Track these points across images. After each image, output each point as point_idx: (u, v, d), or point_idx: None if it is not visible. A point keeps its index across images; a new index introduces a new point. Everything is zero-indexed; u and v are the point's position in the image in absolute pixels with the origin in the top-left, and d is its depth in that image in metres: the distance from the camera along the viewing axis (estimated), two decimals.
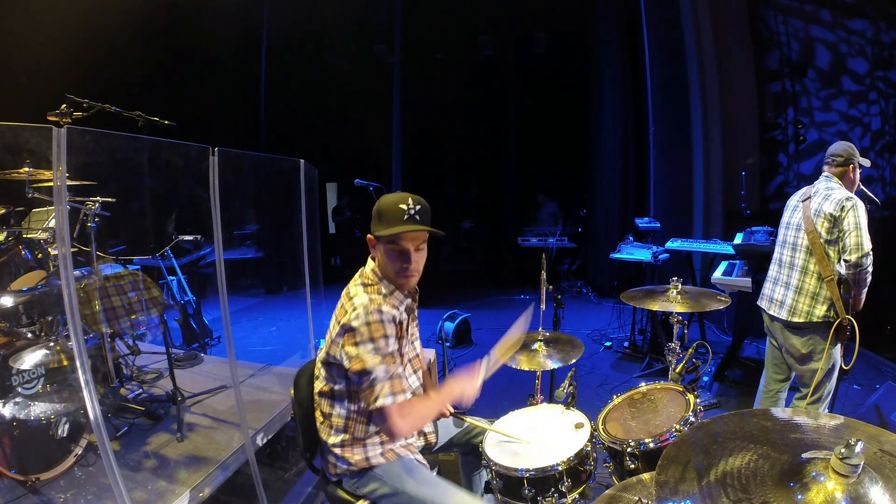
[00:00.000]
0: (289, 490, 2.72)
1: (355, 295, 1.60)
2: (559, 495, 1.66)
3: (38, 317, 2.62)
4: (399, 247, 1.58)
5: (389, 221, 1.57)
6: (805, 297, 2.51)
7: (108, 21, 4.91)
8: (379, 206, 1.62)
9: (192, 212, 4.01)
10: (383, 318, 1.54)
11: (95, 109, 2.26)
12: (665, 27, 6.21)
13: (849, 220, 2.35)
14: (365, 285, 1.65)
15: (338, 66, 8.13)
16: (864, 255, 2.31)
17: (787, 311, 2.57)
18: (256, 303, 7.07)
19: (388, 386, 1.51)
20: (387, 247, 1.60)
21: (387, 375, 1.51)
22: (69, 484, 2.15)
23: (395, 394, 1.51)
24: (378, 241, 1.62)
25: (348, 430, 1.67)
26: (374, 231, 1.61)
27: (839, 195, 2.42)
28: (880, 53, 4.93)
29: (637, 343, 4.82)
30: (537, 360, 2.26)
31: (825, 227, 2.43)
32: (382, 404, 1.49)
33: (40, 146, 1.96)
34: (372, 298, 1.57)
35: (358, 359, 1.51)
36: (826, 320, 2.46)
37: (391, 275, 1.64)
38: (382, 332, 1.53)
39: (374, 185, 3.28)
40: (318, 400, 1.73)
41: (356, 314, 1.53)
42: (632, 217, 6.56)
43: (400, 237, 1.57)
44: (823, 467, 0.83)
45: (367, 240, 1.67)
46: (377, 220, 1.61)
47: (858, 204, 2.38)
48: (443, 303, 6.42)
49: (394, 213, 1.57)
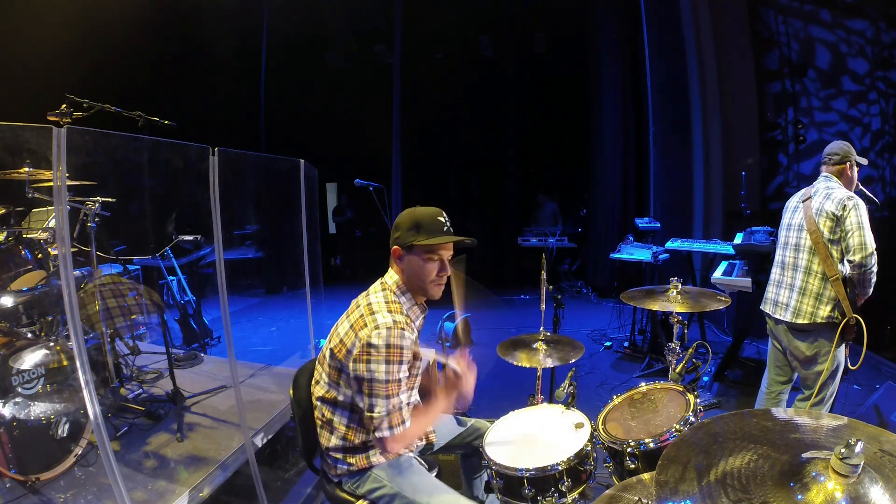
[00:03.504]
0: (289, 490, 2.72)
1: (378, 311, 1.61)
2: (559, 495, 1.66)
3: (38, 317, 2.62)
4: (439, 256, 1.67)
5: (431, 232, 1.64)
6: (809, 297, 2.49)
7: (108, 21, 4.91)
8: (416, 217, 1.66)
9: (192, 212, 4.01)
10: (403, 345, 1.57)
11: (95, 109, 2.26)
12: (665, 27, 6.21)
13: (851, 219, 2.34)
14: (388, 302, 1.66)
15: (338, 66, 8.13)
16: (869, 254, 2.30)
17: (792, 313, 2.54)
18: (256, 303, 7.07)
19: (386, 421, 1.56)
20: (424, 256, 1.65)
21: (387, 410, 1.56)
22: (69, 484, 2.15)
23: (392, 427, 1.57)
24: (412, 250, 1.65)
25: (348, 438, 1.69)
26: (412, 241, 1.63)
27: (840, 194, 2.41)
28: (880, 53, 4.93)
29: (637, 343, 4.81)
30: (537, 360, 2.26)
31: (828, 226, 2.42)
32: (380, 436, 1.57)
33: (40, 146, 1.96)
34: (396, 321, 1.59)
35: (367, 383, 1.55)
36: (830, 321, 2.44)
37: (423, 284, 1.68)
38: (399, 357, 1.56)
39: (374, 185, 3.28)
40: (320, 405, 1.73)
41: (378, 333, 1.55)
42: (632, 217, 6.56)
43: (442, 246, 1.66)
44: (823, 467, 0.83)
45: (394, 251, 1.69)
46: (414, 230, 1.64)
47: (860, 203, 2.37)
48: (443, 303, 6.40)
49: (434, 225, 1.65)
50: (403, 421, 1.60)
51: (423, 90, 7.32)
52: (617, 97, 7.08)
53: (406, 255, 1.67)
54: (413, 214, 1.67)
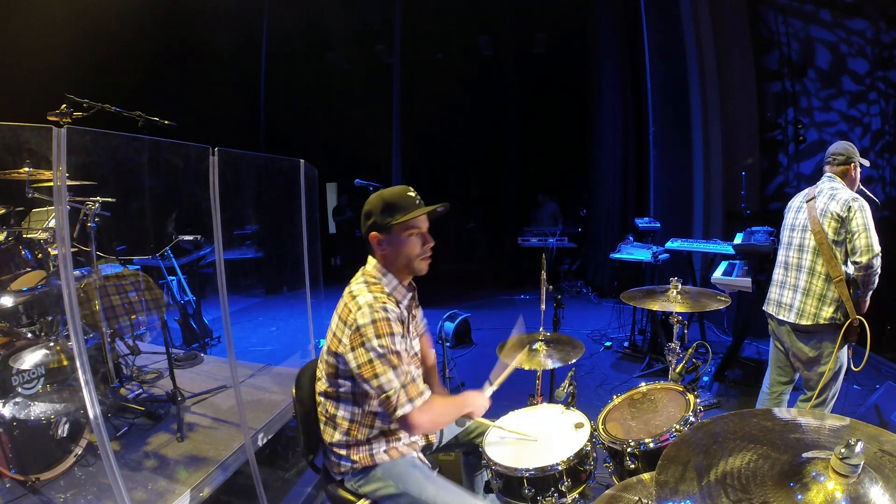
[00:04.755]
0: (289, 490, 2.72)
1: (359, 294, 1.61)
2: (559, 495, 1.66)
3: (38, 317, 2.62)
4: (419, 230, 1.67)
5: (405, 209, 1.62)
6: (812, 298, 2.48)
7: (108, 21, 4.91)
8: (385, 198, 1.65)
9: (192, 212, 4.01)
10: (389, 317, 1.55)
11: (95, 109, 2.26)
12: (665, 27, 6.21)
13: (857, 221, 2.33)
14: (368, 283, 1.66)
15: (338, 66, 8.13)
16: (875, 255, 2.29)
17: (796, 314, 2.53)
18: (256, 303, 7.07)
19: (403, 394, 1.53)
20: (404, 234, 1.64)
21: (400, 383, 1.53)
22: (69, 484, 2.15)
23: (413, 399, 1.54)
24: (391, 230, 1.64)
25: (351, 433, 1.67)
26: (389, 221, 1.62)
27: (845, 195, 2.40)
28: (880, 53, 4.93)
29: (637, 343, 4.81)
30: (537, 360, 2.26)
31: (832, 227, 2.40)
32: (403, 413, 1.53)
33: (40, 146, 1.96)
34: (376, 297, 1.59)
35: (368, 365, 1.52)
36: (833, 322, 2.43)
37: (410, 262, 1.67)
38: (389, 329, 1.54)
39: (374, 185, 3.28)
40: (322, 401, 1.73)
41: (361, 312, 1.54)
42: (632, 217, 6.56)
43: (420, 219, 1.66)
44: (823, 467, 0.83)
45: (371, 237, 1.67)
46: (387, 212, 1.63)
47: (864, 205, 2.36)
48: (443, 303, 6.42)
49: (406, 201, 1.64)
50: (421, 392, 1.57)
51: (423, 90, 7.32)
52: (617, 97, 7.08)
53: (386, 238, 1.66)
54: (381, 197, 1.66)
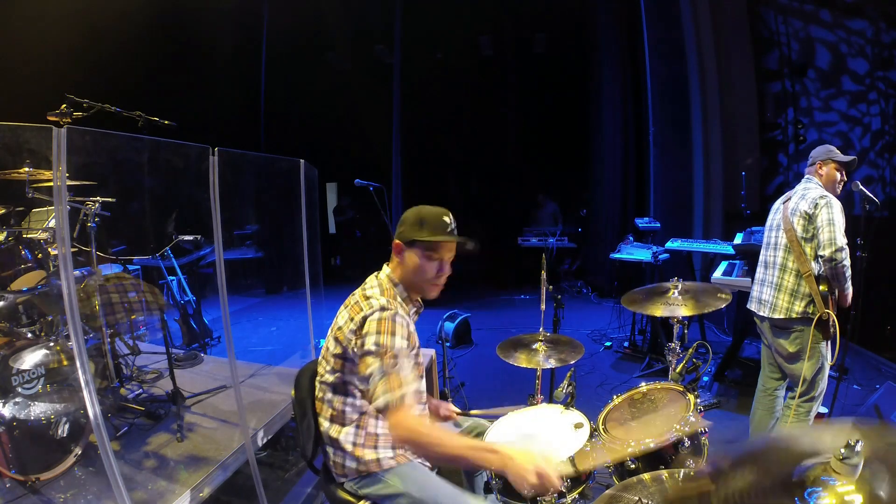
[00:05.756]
0: (289, 490, 2.72)
1: (373, 295, 1.64)
2: (559, 495, 1.65)
3: (38, 317, 2.62)
4: (439, 255, 1.65)
5: (435, 230, 1.63)
6: (784, 293, 2.57)
7: (108, 21, 4.91)
8: (420, 213, 1.66)
9: (192, 212, 4.00)
10: (397, 320, 1.57)
11: (95, 109, 2.26)
12: (665, 27, 6.21)
13: (822, 216, 2.41)
14: (382, 289, 1.67)
15: (338, 66, 8.13)
16: (838, 249, 2.35)
17: (770, 309, 2.63)
18: (256, 303, 7.07)
19: (381, 386, 1.45)
20: (425, 253, 1.64)
21: (382, 372, 1.47)
22: (69, 484, 2.15)
23: (389, 392, 1.44)
24: (413, 245, 1.64)
25: (361, 426, 1.66)
26: (415, 236, 1.63)
27: (814, 194, 2.50)
28: (880, 53, 4.94)
29: (637, 343, 4.81)
30: (537, 360, 2.26)
31: (801, 224, 2.50)
32: (377, 407, 1.45)
33: (40, 146, 1.96)
34: (390, 301, 1.61)
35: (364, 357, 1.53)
36: (805, 316, 2.50)
37: (419, 282, 1.68)
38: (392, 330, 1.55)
39: (374, 185, 3.27)
40: (330, 396, 1.69)
41: (372, 310, 1.57)
42: (632, 217, 6.56)
43: (443, 246, 1.65)
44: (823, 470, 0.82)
45: (395, 244, 1.69)
46: (417, 225, 1.64)
47: (833, 202, 2.44)
48: (443, 303, 6.41)
49: (439, 223, 1.64)
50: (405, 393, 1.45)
51: (423, 90, 7.32)
52: (617, 97, 7.08)
53: (406, 250, 1.67)
54: (419, 211, 1.68)
